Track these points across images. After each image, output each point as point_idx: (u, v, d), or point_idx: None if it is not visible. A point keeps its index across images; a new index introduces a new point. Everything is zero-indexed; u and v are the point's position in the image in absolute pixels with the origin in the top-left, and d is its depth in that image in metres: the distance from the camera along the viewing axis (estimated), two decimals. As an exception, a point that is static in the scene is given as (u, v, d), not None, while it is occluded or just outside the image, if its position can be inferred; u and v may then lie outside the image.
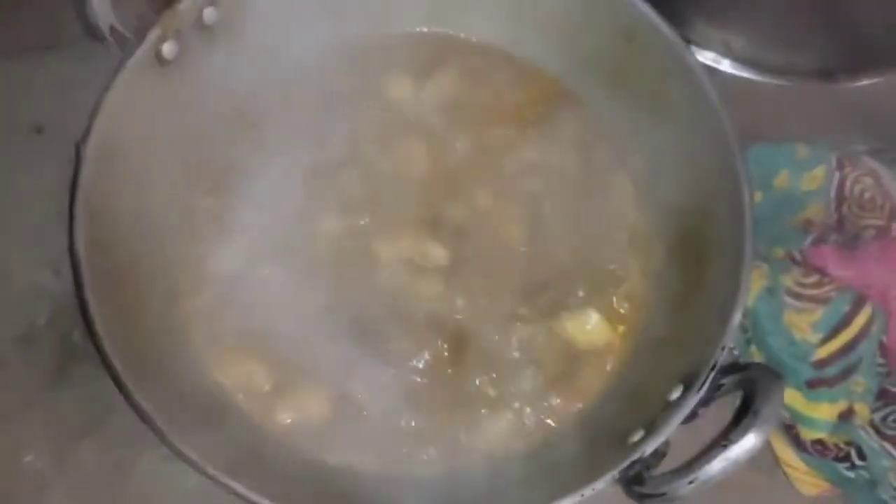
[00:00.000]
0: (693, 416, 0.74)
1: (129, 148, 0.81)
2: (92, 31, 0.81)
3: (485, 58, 0.96)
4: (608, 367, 0.86)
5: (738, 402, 0.77)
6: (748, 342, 0.91)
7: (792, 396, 0.87)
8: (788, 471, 0.90)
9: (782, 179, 0.97)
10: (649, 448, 0.72)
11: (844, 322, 0.87)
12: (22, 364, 0.89)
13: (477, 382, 0.83)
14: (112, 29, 0.81)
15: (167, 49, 0.82)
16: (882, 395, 0.88)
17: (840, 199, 0.95)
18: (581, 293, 0.87)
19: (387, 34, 0.97)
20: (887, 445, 0.86)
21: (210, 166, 0.89)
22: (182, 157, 0.87)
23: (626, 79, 0.91)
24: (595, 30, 0.91)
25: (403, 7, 0.96)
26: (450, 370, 0.84)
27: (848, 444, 0.87)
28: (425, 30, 0.98)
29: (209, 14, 0.84)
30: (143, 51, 0.81)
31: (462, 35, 0.97)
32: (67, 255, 0.77)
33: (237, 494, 0.71)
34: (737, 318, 0.75)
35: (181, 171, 0.87)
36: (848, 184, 0.95)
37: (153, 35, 0.81)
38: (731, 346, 0.87)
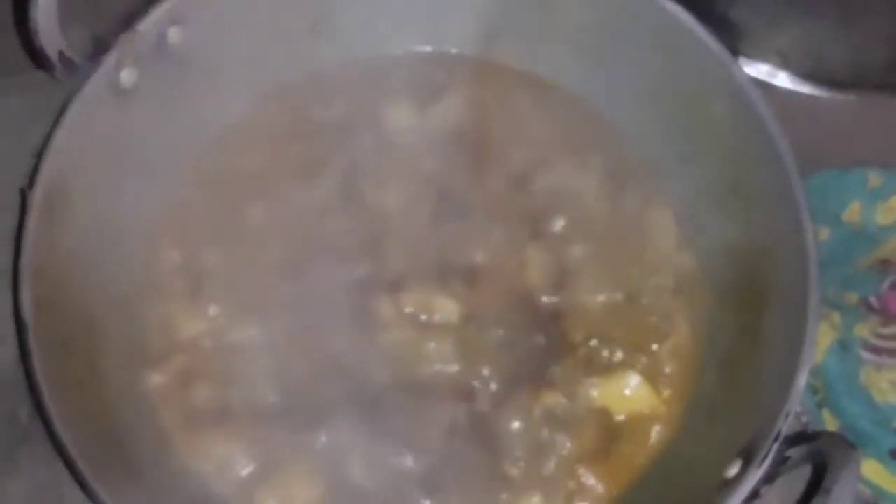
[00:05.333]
0: (755, 495, 0.73)
1: (82, 193, 0.82)
2: (37, 59, 0.82)
3: (498, 79, 0.97)
4: (652, 440, 0.85)
5: (807, 478, 0.78)
6: (819, 406, 0.90)
7: (873, 469, 0.86)
8: (872, 558, 0.89)
9: (853, 212, 0.96)
10: (704, 536, 0.72)
11: (933, 380, 0.87)
12: (-40, 450, 0.89)
13: (496, 462, 0.83)
14: (61, 55, 0.82)
15: (126, 76, 0.83)
16: (979, 466, 0.88)
17: (923, 233, 0.95)
18: (618, 352, 0.87)
19: (384, 55, 0.98)
20: None
21: (178, 213, 0.90)
22: (145, 202, 0.88)
23: (665, 99, 0.91)
24: (627, 43, 0.91)
25: (403, 23, 0.97)
26: (465, 447, 0.83)
27: (943, 524, 0.86)
28: (429, 49, 0.99)
29: (174, 34, 0.85)
30: (97, 79, 0.82)
31: (471, 54, 0.98)
32: (12, 321, 0.78)
33: None
34: (803, 377, 0.74)
35: (144, 219, 0.88)
36: (931, 215, 0.95)
37: (109, 61, 0.82)
38: (799, 411, 0.89)
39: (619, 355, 0.86)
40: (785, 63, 1.04)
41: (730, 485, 0.73)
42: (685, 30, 0.86)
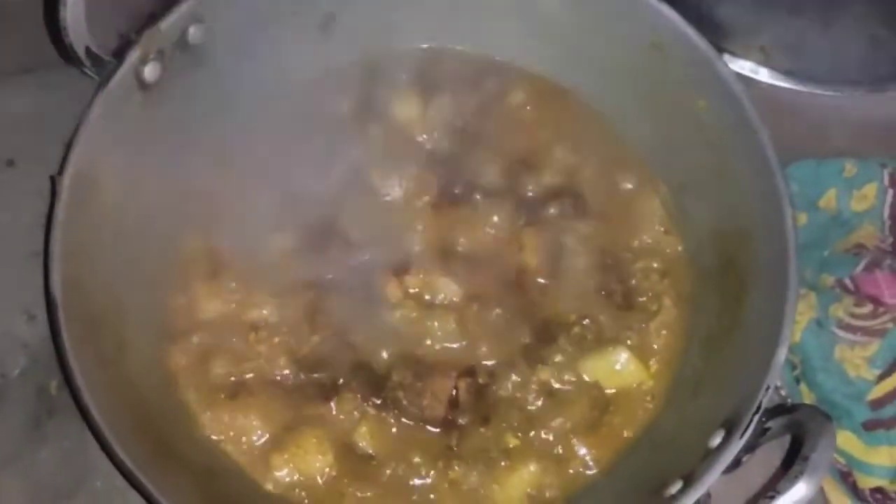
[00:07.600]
0: (736, 464, 0.73)
1: (108, 180, 0.82)
2: (66, 55, 0.82)
3: (498, 74, 0.97)
4: (641, 412, 0.85)
5: (786, 447, 0.78)
6: (797, 380, 0.91)
7: (847, 440, 0.86)
8: (845, 523, 0.89)
9: (829, 199, 0.96)
10: (689, 501, 0.72)
11: (903, 356, 0.86)
12: (-6, 421, 0.88)
13: (496, 432, 0.83)
14: (88, 51, 0.82)
15: (149, 71, 0.83)
16: (947, 438, 0.87)
17: (894, 219, 0.94)
18: (609, 329, 0.87)
19: (389, 51, 0.97)
20: (956, 494, 0.85)
21: (198, 200, 0.90)
22: (167, 190, 0.88)
23: (653, 92, 0.91)
24: (616, 40, 0.91)
25: (407, 22, 0.97)
26: (466, 418, 0.83)
27: (912, 492, 0.86)
28: (433, 45, 0.99)
29: (194, 32, 0.85)
30: (122, 74, 0.82)
31: (472, 51, 0.98)
32: (43, 299, 0.77)
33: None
34: (782, 353, 0.75)
35: (166, 205, 0.88)
36: (903, 203, 0.95)
37: (133, 57, 0.82)
38: (778, 385, 0.89)
39: (609, 333, 0.87)
40: (767, 60, 1.05)
41: (713, 454, 0.73)
42: (672, 27, 0.87)
